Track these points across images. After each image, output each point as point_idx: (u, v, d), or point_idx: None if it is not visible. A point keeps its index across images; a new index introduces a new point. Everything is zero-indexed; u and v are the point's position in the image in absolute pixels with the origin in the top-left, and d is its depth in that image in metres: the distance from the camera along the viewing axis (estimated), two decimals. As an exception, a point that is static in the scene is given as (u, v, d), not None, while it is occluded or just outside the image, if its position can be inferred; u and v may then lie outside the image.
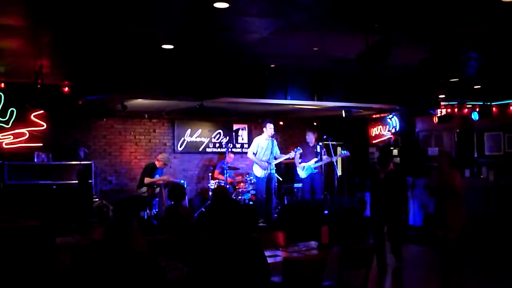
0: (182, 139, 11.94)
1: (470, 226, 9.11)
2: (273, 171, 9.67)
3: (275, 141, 9.73)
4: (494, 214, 9.35)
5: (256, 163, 9.58)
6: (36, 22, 5.76)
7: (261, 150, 9.61)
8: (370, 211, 7.61)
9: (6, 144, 9.55)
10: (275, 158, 9.68)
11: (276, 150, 9.75)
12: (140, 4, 5.16)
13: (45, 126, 9.88)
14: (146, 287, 3.21)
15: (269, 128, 9.59)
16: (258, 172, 9.56)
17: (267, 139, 9.62)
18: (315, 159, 10.39)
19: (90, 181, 9.73)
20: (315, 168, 10.38)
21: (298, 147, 10.21)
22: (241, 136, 12.72)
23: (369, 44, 5.77)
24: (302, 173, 10.45)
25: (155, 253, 3.95)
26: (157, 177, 10.06)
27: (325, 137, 10.76)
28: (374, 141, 13.32)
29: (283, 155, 10.00)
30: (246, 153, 11.33)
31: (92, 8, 5.27)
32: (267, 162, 9.49)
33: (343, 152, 10.71)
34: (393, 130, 12.56)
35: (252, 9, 5.35)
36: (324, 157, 10.44)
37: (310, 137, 10.62)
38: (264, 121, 9.88)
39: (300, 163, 10.45)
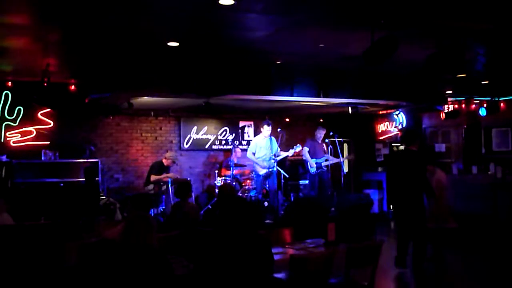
0: (188, 136, 11.95)
1: (478, 223, 9.11)
2: (274, 169, 9.71)
3: (273, 138, 9.77)
4: (502, 210, 9.30)
5: (255, 163, 9.62)
6: (42, 20, 5.77)
7: (259, 149, 9.65)
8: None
9: (13, 142, 9.60)
10: (275, 156, 9.70)
11: (276, 148, 9.77)
12: (146, 2, 5.16)
13: (52, 124, 9.93)
14: (154, 282, 3.22)
15: (266, 130, 9.65)
16: (259, 170, 9.61)
17: (265, 137, 9.65)
18: (326, 157, 10.44)
19: (97, 178, 9.77)
20: (324, 166, 10.42)
21: (298, 144, 10.24)
22: (247, 133, 12.72)
23: (375, 40, 5.75)
24: (313, 169, 10.47)
25: (162, 250, 3.96)
26: (164, 174, 10.09)
27: (331, 133, 10.75)
28: (380, 138, 13.28)
29: (283, 152, 10.02)
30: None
31: (98, 6, 5.27)
32: (271, 159, 9.53)
33: (349, 155, 10.81)
34: (399, 126, 12.51)
35: (257, 6, 5.34)
36: (330, 156, 10.48)
37: (320, 134, 10.63)
38: (263, 122, 9.94)
39: (311, 158, 10.48)
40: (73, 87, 9.13)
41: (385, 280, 6.66)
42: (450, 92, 10.81)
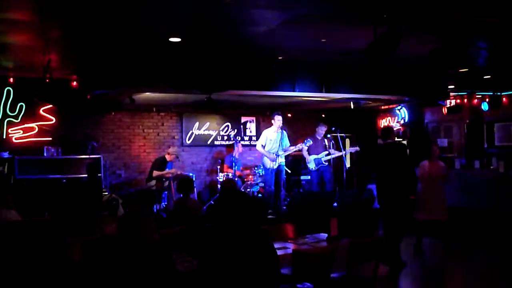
0: (190, 132, 11.95)
1: (480, 218, 9.11)
2: (283, 163, 9.66)
3: (285, 132, 9.70)
4: (505, 205, 9.29)
5: (265, 156, 9.57)
6: (44, 16, 5.77)
7: (269, 142, 9.57)
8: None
9: (16, 139, 9.61)
10: (284, 150, 9.64)
11: (286, 142, 9.72)
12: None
13: (54, 121, 9.94)
14: (157, 279, 3.23)
15: (278, 120, 9.55)
16: (268, 163, 9.55)
17: (275, 131, 9.58)
18: (325, 152, 10.39)
19: (99, 174, 9.77)
20: (325, 161, 10.38)
21: (308, 139, 10.17)
22: (249, 128, 12.72)
23: (377, 35, 5.73)
24: (311, 166, 10.43)
25: (165, 246, 3.96)
26: (166, 170, 10.10)
27: (333, 129, 10.74)
28: (382, 133, 13.25)
29: (292, 146, 9.96)
30: (254, 145, 11.34)
31: (99, 2, 5.26)
32: (276, 155, 9.47)
33: (353, 147, 10.74)
34: (402, 122, 12.50)
35: (259, 1, 5.33)
36: (332, 150, 10.43)
37: (322, 130, 10.59)
38: (272, 113, 9.85)
39: (309, 155, 10.44)
40: (75, 83, 9.13)
41: (387, 275, 6.66)
42: (452, 87, 10.79)
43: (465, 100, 11.57)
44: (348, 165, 11.66)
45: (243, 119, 12.64)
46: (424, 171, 7.91)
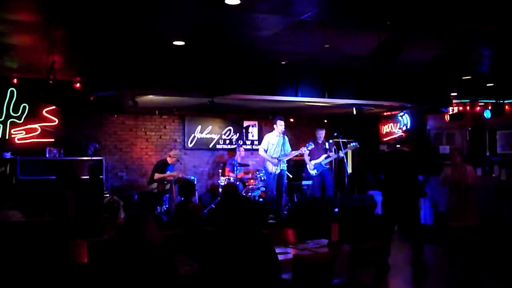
0: (193, 135, 11.96)
1: (482, 226, 9.08)
2: (284, 168, 9.65)
3: (286, 137, 9.70)
4: (506, 213, 9.27)
5: (267, 160, 9.56)
6: (48, 18, 5.79)
7: (271, 146, 9.58)
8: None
9: (18, 139, 9.63)
10: (286, 155, 9.63)
11: (287, 147, 9.72)
12: (152, 0, 5.17)
13: (56, 122, 9.96)
14: (159, 281, 3.23)
15: (280, 125, 9.56)
16: (270, 168, 9.55)
17: (277, 136, 9.59)
18: (325, 155, 10.38)
19: (101, 176, 9.78)
20: (325, 165, 10.35)
21: (310, 142, 10.16)
22: (252, 132, 12.72)
23: (381, 41, 5.74)
24: (312, 171, 10.41)
25: (167, 249, 3.96)
26: (168, 173, 10.10)
27: (335, 134, 10.73)
28: (385, 139, 13.25)
29: (294, 151, 9.96)
30: (256, 150, 11.34)
31: (104, 4, 5.28)
32: (277, 159, 9.47)
33: (352, 144, 10.68)
34: (404, 128, 12.48)
35: (263, 6, 5.34)
36: (331, 153, 10.41)
37: (320, 134, 10.59)
38: (274, 118, 9.86)
39: (309, 160, 10.43)
40: (78, 84, 9.14)
41: (388, 281, 6.65)
42: (455, 94, 10.79)
43: (468, 108, 11.55)
44: (349, 170, 11.63)
45: (245, 123, 12.64)
46: (445, 177, 8.05)
